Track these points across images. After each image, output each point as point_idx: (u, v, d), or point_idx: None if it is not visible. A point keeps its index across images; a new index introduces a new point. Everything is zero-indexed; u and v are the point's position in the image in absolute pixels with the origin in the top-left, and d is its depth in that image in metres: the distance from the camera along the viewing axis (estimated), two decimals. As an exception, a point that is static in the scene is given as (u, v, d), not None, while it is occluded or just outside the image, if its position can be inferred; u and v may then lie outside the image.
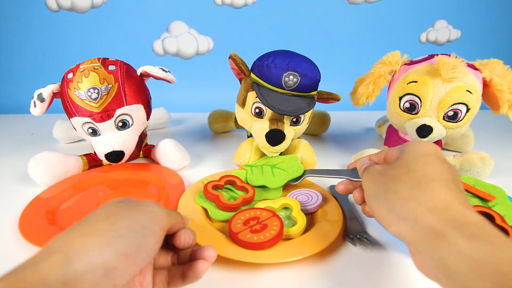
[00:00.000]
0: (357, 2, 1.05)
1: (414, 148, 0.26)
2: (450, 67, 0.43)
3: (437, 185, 0.22)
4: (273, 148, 0.48)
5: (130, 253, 0.20)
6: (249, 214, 0.36)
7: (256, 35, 1.07)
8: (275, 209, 0.39)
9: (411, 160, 0.25)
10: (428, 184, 0.22)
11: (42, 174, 0.46)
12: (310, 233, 0.35)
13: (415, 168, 0.24)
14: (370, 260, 0.33)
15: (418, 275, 0.30)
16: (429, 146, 0.26)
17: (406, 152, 0.26)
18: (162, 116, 0.81)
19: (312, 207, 0.40)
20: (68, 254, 0.18)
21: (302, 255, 0.31)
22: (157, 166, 0.53)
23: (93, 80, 0.45)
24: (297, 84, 0.46)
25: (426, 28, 1.10)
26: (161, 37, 1.05)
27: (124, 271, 0.19)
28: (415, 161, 0.25)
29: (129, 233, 0.20)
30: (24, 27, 1.00)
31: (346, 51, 1.11)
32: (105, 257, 0.19)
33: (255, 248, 0.31)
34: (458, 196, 0.22)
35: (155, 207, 0.24)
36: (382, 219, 0.24)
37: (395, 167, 0.25)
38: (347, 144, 0.69)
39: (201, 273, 0.24)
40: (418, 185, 0.23)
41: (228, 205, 0.39)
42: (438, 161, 0.24)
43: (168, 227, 0.24)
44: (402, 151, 0.27)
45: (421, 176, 0.23)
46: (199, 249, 0.25)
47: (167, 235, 0.25)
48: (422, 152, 0.25)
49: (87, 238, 0.19)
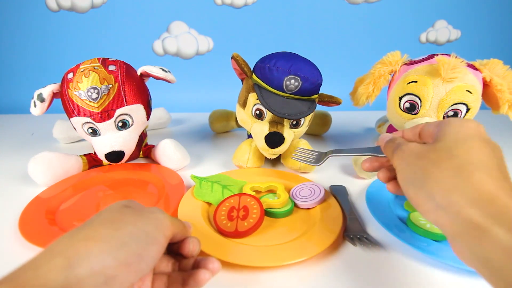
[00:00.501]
0: (357, 2, 1.05)
1: (455, 129, 0.24)
2: (450, 67, 0.43)
3: (481, 174, 0.21)
4: (272, 150, 0.48)
5: (131, 262, 0.20)
6: (225, 208, 0.38)
7: (256, 35, 1.07)
8: (262, 189, 0.44)
9: (453, 143, 0.23)
10: (472, 173, 0.21)
11: (42, 174, 0.46)
12: (310, 234, 0.35)
13: (458, 153, 0.22)
14: (370, 260, 0.33)
15: (417, 275, 0.31)
16: (471, 125, 0.24)
17: (448, 133, 0.24)
18: (162, 116, 0.81)
19: (315, 201, 0.40)
20: (70, 258, 0.18)
21: (302, 257, 0.31)
22: (157, 166, 0.53)
23: (93, 80, 0.45)
24: (298, 88, 0.46)
25: (426, 28, 1.10)
26: (161, 37, 1.05)
27: (124, 279, 0.19)
28: (457, 145, 0.23)
29: (131, 241, 0.20)
30: (24, 27, 1.00)
31: (346, 51, 1.11)
32: (106, 264, 0.18)
33: (244, 235, 0.34)
34: (503, 185, 0.20)
35: (160, 214, 0.24)
36: (418, 206, 0.23)
37: (434, 150, 0.23)
38: (347, 144, 0.69)
39: (202, 283, 0.24)
40: (461, 173, 0.21)
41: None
42: (482, 145, 0.22)
43: (171, 235, 0.24)
44: (441, 130, 0.24)
45: (465, 163, 0.21)
46: (204, 259, 0.25)
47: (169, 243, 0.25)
48: (465, 134, 0.23)
49: (90, 243, 0.19)
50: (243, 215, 0.36)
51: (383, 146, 0.29)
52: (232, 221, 0.35)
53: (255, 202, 0.37)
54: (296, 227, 0.38)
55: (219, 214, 0.37)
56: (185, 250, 0.25)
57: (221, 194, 0.43)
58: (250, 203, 0.37)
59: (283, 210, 0.39)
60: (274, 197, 0.42)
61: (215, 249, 0.32)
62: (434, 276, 0.30)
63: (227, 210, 0.38)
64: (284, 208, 0.40)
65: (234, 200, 0.39)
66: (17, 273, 0.17)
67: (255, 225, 0.34)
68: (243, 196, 0.39)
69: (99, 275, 0.18)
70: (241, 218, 0.35)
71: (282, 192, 0.42)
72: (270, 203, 0.39)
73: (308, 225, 0.38)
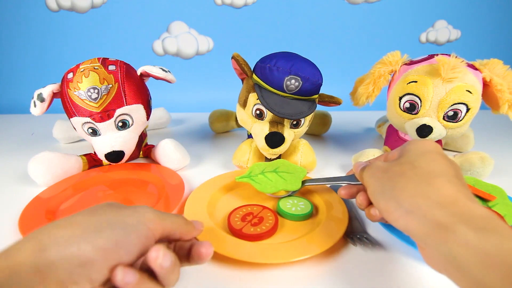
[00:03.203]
0: (357, 2, 1.05)
1: (415, 146, 0.27)
2: (450, 67, 0.43)
3: (442, 180, 0.23)
4: (272, 150, 0.48)
5: (108, 248, 0.20)
6: (242, 211, 0.38)
7: (256, 35, 1.07)
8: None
9: (414, 157, 0.25)
10: (433, 179, 0.23)
11: (42, 174, 0.46)
12: (315, 232, 0.35)
13: (419, 164, 0.24)
14: (370, 260, 0.33)
15: (418, 275, 0.31)
16: (430, 143, 0.27)
17: (408, 150, 0.27)
18: (162, 116, 0.81)
19: None
20: (41, 242, 0.18)
21: (307, 254, 0.31)
22: (157, 166, 0.53)
23: (93, 80, 0.45)
24: (299, 88, 0.46)
25: (426, 28, 1.10)
26: (161, 37, 1.05)
27: (102, 264, 0.19)
28: (418, 158, 0.25)
29: (107, 228, 0.20)
30: (24, 27, 1.00)
31: (346, 51, 1.11)
32: (81, 248, 0.19)
33: (260, 238, 0.34)
34: (463, 190, 0.22)
35: (143, 209, 0.24)
36: (389, 214, 0.24)
37: (398, 164, 0.26)
38: (347, 144, 0.69)
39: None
40: (424, 180, 0.23)
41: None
42: (440, 157, 0.25)
43: (161, 229, 0.23)
44: (403, 149, 0.27)
45: (426, 172, 0.24)
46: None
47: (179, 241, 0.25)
48: (424, 149, 0.26)
49: (64, 229, 0.20)
50: (255, 222, 0.36)
51: (358, 173, 0.31)
52: (243, 222, 0.36)
53: (272, 219, 0.37)
54: (301, 225, 0.38)
55: (237, 212, 0.38)
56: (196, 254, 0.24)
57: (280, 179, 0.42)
58: (267, 215, 0.38)
59: (303, 213, 0.39)
60: (299, 202, 0.41)
61: (220, 246, 0.32)
62: (434, 276, 0.30)
63: (245, 212, 0.38)
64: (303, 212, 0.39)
65: (257, 209, 0.39)
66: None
67: (259, 235, 0.34)
68: (265, 209, 0.39)
69: (73, 258, 0.18)
70: (252, 224, 0.36)
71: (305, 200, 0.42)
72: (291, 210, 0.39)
73: (313, 225, 0.38)
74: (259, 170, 0.44)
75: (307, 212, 0.39)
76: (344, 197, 0.33)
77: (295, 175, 0.43)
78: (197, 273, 0.31)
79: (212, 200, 0.42)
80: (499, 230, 0.19)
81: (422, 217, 0.21)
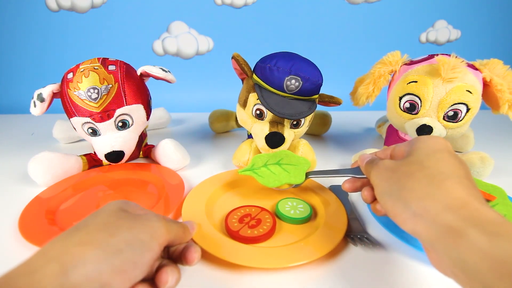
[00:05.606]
0: (357, 2, 1.05)
1: (425, 144, 0.26)
2: (450, 67, 0.43)
3: (452, 182, 0.22)
4: (272, 150, 0.48)
5: (126, 269, 0.20)
6: (240, 212, 0.38)
7: (256, 35, 1.07)
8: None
9: (423, 156, 0.25)
10: (443, 181, 0.22)
11: (42, 174, 0.46)
12: (313, 236, 0.35)
13: (429, 164, 0.24)
14: (370, 260, 0.33)
15: (418, 275, 0.31)
16: (440, 141, 0.26)
17: (418, 148, 0.26)
18: (162, 116, 0.81)
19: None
20: (64, 264, 0.18)
21: (307, 259, 0.31)
22: (157, 166, 0.53)
23: (93, 80, 0.45)
24: (299, 88, 0.46)
25: (426, 28, 1.10)
26: (161, 37, 1.05)
27: (118, 286, 0.19)
28: (428, 157, 0.24)
29: (127, 248, 0.20)
30: (24, 27, 1.00)
31: (346, 51, 1.11)
32: (101, 271, 0.19)
33: (257, 241, 0.34)
34: (473, 192, 0.22)
35: (156, 223, 0.24)
36: (396, 216, 0.24)
37: (407, 163, 0.25)
38: (347, 144, 0.69)
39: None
40: (433, 182, 0.22)
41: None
42: (450, 157, 0.24)
43: (166, 243, 0.24)
44: (412, 146, 0.26)
45: (436, 173, 0.23)
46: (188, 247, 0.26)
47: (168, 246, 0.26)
48: (434, 148, 0.25)
49: (85, 248, 0.19)
50: (252, 224, 0.36)
51: (363, 166, 0.30)
52: (241, 224, 0.36)
53: (270, 222, 0.36)
54: (299, 228, 0.37)
55: (234, 213, 0.38)
56: (186, 259, 0.25)
57: (284, 171, 0.42)
58: (265, 217, 0.37)
59: (301, 217, 0.38)
60: (298, 205, 0.41)
61: (219, 249, 0.32)
62: (434, 276, 0.30)
63: (243, 214, 0.38)
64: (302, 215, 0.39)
65: (255, 210, 0.39)
66: (11, 278, 0.17)
67: (256, 238, 0.34)
68: (263, 211, 0.39)
69: (94, 282, 0.18)
70: (249, 226, 0.35)
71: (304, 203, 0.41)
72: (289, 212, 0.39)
73: (311, 228, 0.37)
74: (261, 162, 0.44)
75: (306, 216, 0.38)
76: (348, 191, 0.33)
77: (298, 167, 0.42)
78: (195, 275, 0.31)
79: (210, 199, 0.42)
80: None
81: (431, 220, 0.21)
